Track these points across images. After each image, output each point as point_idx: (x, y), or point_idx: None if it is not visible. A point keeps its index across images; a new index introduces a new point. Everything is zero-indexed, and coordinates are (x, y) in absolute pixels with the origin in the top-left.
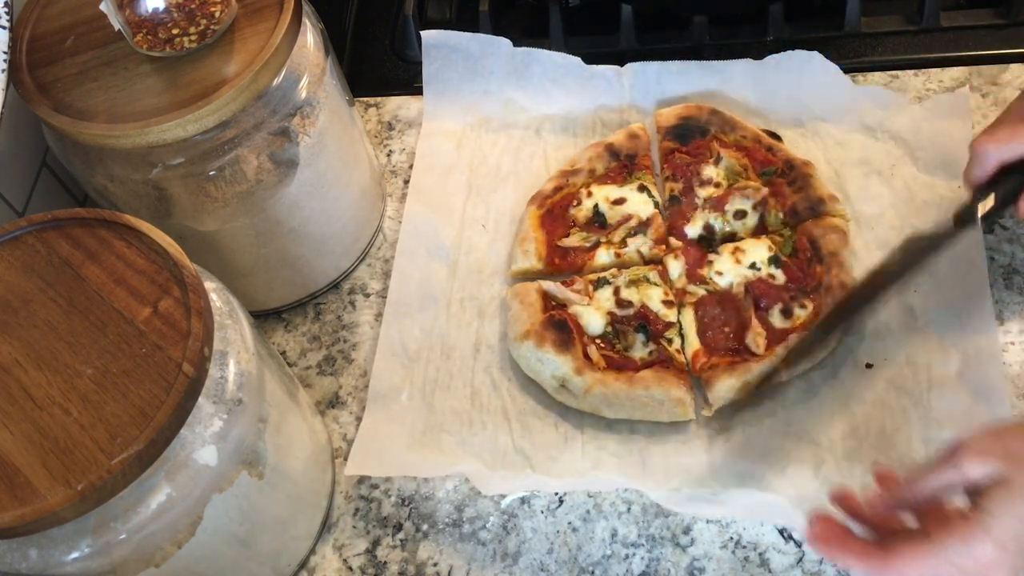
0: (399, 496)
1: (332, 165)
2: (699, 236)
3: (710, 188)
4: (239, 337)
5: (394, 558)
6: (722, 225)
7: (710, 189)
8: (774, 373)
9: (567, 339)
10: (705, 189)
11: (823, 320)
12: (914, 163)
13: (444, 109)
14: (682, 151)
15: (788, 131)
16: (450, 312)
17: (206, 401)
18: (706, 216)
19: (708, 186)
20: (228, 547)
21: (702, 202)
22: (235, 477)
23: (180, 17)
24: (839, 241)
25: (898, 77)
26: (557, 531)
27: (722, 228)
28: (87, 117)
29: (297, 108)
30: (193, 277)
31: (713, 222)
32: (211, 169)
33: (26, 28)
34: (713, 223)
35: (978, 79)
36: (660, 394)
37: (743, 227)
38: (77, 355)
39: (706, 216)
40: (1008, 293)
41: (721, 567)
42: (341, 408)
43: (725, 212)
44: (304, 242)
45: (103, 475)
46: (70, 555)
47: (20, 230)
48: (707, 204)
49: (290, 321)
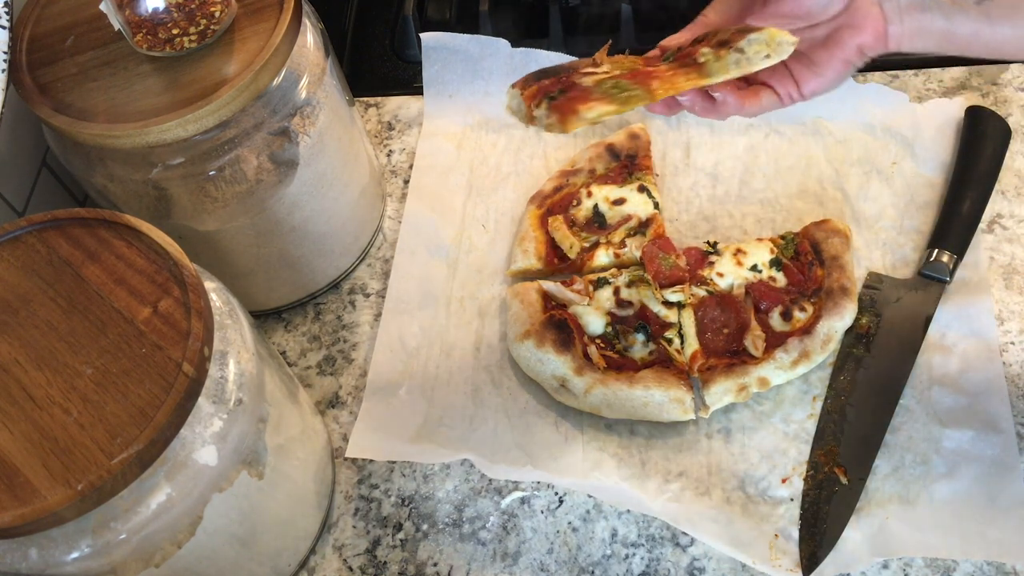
0: (399, 496)
1: (332, 165)
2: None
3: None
4: (239, 337)
5: (394, 558)
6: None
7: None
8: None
9: (567, 339)
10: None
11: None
12: (915, 161)
13: (444, 110)
14: None
15: (789, 129)
16: (450, 311)
17: (206, 401)
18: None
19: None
20: (228, 547)
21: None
22: (235, 477)
23: (180, 17)
24: (841, 245)
25: (898, 77)
26: (557, 531)
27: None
28: (87, 117)
29: (297, 108)
30: (193, 277)
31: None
32: (211, 169)
33: (26, 28)
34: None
35: (978, 79)
36: (660, 394)
37: None
38: (77, 355)
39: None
40: (1008, 293)
41: (721, 567)
42: (341, 408)
43: None
44: (304, 242)
45: (103, 475)
46: (70, 555)
47: (20, 230)
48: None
49: (290, 321)
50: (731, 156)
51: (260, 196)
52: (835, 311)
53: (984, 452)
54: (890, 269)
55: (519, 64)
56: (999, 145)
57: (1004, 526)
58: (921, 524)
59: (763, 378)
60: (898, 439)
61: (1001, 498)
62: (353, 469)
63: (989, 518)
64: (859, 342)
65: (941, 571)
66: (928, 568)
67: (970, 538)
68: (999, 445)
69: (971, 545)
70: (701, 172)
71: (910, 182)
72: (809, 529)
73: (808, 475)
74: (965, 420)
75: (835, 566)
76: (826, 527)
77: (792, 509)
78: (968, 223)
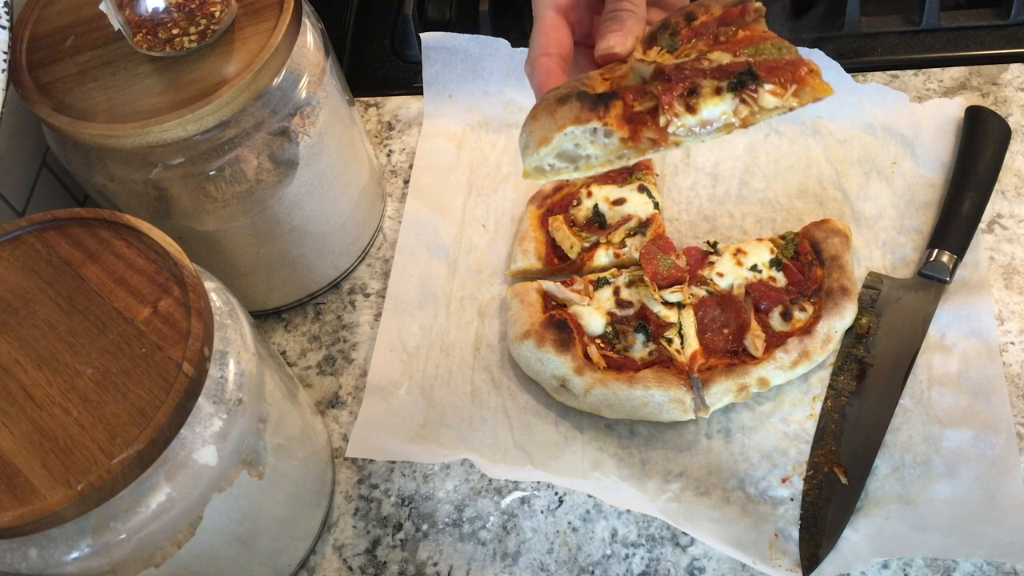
0: (399, 496)
1: (332, 165)
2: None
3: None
4: (239, 337)
5: (394, 558)
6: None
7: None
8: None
9: (567, 339)
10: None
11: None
12: (915, 161)
13: (444, 110)
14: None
15: (789, 129)
16: (450, 311)
17: (206, 401)
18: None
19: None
20: (228, 547)
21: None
22: (235, 477)
23: (180, 17)
24: (841, 245)
25: (898, 77)
26: (557, 531)
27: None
28: (87, 117)
29: (297, 108)
30: (193, 277)
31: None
32: (211, 169)
33: (26, 28)
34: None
35: (978, 79)
36: (660, 394)
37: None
38: (77, 355)
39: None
40: (1008, 293)
41: (721, 567)
42: (341, 408)
43: None
44: (304, 242)
45: (103, 475)
46: (70, 555)
47: (20, 230)
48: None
49: (290, 321)
50: (731, 156)
51: (260, 196)
52: (835, 311)
53: (984, 452)
54: (890, 269)
55: (519, 64)
56: (999, 145)
57: (1004, 526)
58: (921, 524)
59: (763, 378)
60: (898, 439)
61: (1001, 498)
62: (353, 469)
63: (989, 518)
64: (859, 342)
65: (941, 571)
66: (928, 568)
67: (970, 538)
68: (999, 445)
69: (971, 545)
70: (701, 172)
71: (910, 182)
72: (809, 529)
73: (808, 475)
74: (965, 420)
75: (835, 566)
76: (826, 527)
77: (792, 509)
78: (968, 223)
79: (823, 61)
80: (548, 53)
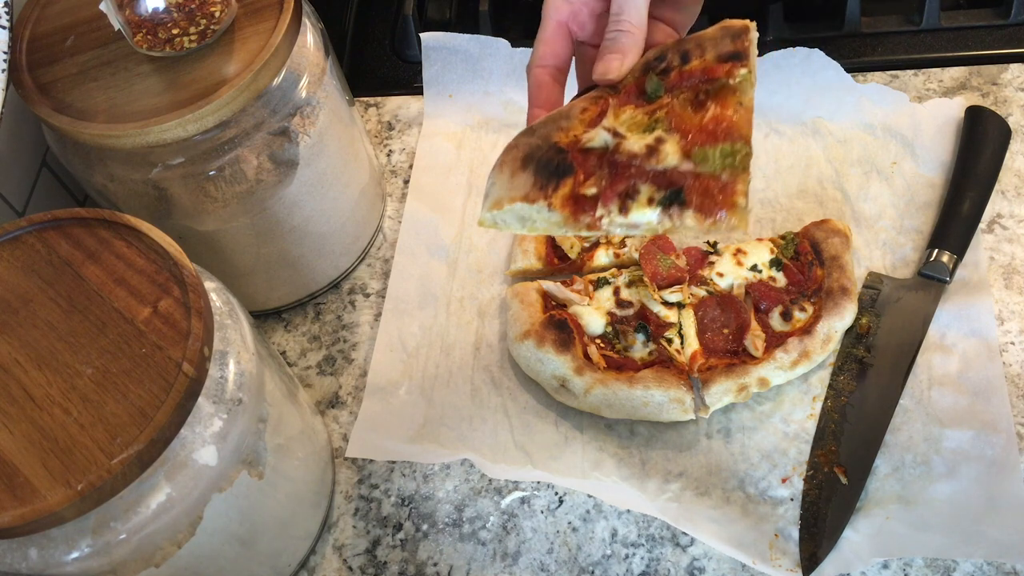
0: (399, 496)
1: (332, 165)
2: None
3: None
4: (239, 337)
5: (394, 558)
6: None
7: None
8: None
9: (567, 339)
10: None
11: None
12: (915, 161)
13: (444, 110)
14: None
15: (789, 129)
16: (450, 311)
17: (206, 401)
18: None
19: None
20: (228, 547)
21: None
22: (235, 477)
23: (180, 17)
24: (841, 245)
25: (898, 77)
26: (557, 531)
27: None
28: (87, 117)
29: (297, 108)
30: (193, 277)
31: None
32: (211, 169)
33: (26, 28)
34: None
35: (978, 79)
36: (660, 394)
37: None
38: (77, 355)
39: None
40: (1008, 293)
41: (721, 567)
42: (341, 408)
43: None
44: (304, 242)
45: (103, 475)
46: (70, 555)
47: (20, 230)
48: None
49: (290, 321)
50: None
51: (260, 196)
52: (835, 311)
53: (984, 452)
54: (890, 269)
55: (519, 64)
56: (999, 145)
57: (1004, 526)
58: (921, 524)
59: (763, 378)
60: (898, 439)
61: (1001, 498)
62: (353, 469)
63: (989, 518)
64: (859, 342)
65: (941, 571)
66: (928, 568)
67: (970, 538)
68: (999, 445)
69: (971, 545)
70: None
71: (910, 182)
72: (809, 529)
73: (808, 475)
74: (965, 420)
75: (835, 566)
76: (826, 527)
77: (792, 509)
78: (968, 223)
79: (823, 61)
80: (543, 65)
